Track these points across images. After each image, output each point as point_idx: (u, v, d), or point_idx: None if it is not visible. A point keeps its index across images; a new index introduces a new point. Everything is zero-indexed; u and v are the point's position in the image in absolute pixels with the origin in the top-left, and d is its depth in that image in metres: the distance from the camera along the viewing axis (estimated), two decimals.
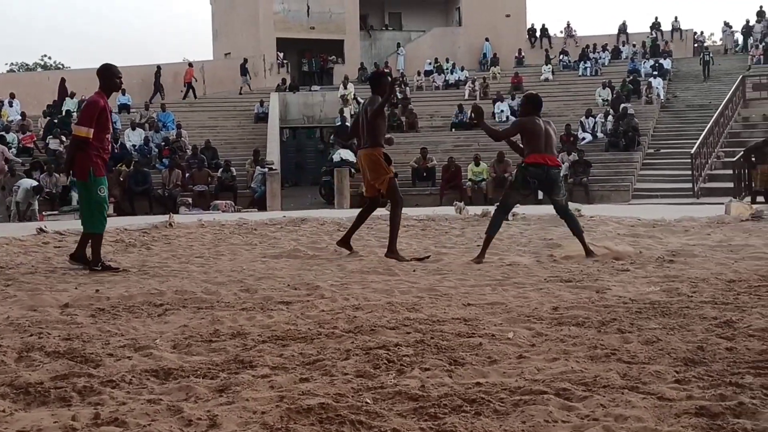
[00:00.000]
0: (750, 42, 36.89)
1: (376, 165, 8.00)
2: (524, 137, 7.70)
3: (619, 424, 2.86)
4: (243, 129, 29.10)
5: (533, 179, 7.58)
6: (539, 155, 7.54)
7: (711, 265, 6.79)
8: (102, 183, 7.27)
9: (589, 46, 36.50)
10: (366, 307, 5.18)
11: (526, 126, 7.68)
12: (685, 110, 28.50)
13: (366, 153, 8.05)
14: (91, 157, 7.20)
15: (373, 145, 7.99)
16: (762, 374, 3.41)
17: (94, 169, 7.21)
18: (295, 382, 3.48)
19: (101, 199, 7.29)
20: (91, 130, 7.16)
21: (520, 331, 4.40)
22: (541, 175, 7.55)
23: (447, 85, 34.22)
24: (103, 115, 7.25)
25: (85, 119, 7.24)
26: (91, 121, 7.19)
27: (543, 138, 7.60)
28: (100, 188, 7.25)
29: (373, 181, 8.08)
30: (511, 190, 7.94)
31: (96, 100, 7.31)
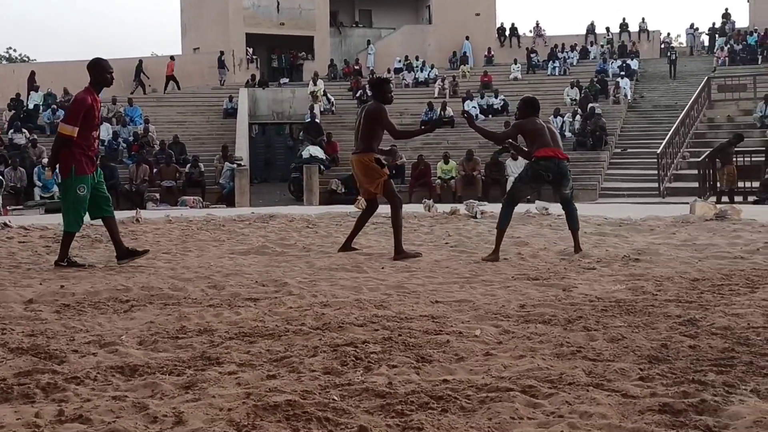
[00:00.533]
0: (716, 44, 37.35)
1: (368, 169, 7.91)
2: (527, 137, 7.76)
3: (583, 420, 2.89)
4: (212, 124, 28.92)
5: (547, 173, 7.61)
6: (549, 149, 7.61)
7: (675, 264, 6.87)
8: (83, 182, 7.10)
9: (557, 46, 36.73)
10: (334, 304, 5.18)
11: (526, 127, 7.74)
12: (651, 110, 28.79)
13: (357, 158, 7.98)
14: (75, 155, 7.05)
15: (364, 150, 7.90)
16: (724, 372, 3.46)
17: (77, 167, 7.05)
18: (262, 379, 3.47)
19: (80, 198, 7.12)
20: (75, 128, 7.00)
21: (487, 329, 4.42)
22: (553, 168, 7.61)
23: (417, 82, 34.24)
24: (90, 113, 7.09)
25: (71, 117, 7.08)
26: (77, 120, 7.02)
27: (547, 134, 7.68)
28: (79, 187, 7.08)
29: (368, 185, 8.01)
30: (522, 184, 7.91)
31: (83, 97, 7.13)
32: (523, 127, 7.77)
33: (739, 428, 2.76)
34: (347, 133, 27.35)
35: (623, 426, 2.82)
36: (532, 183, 7.88)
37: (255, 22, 37.31)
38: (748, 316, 4.58)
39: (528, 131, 7.71)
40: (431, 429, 2.84)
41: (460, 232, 9.89)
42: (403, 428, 2.87)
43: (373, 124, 7.81)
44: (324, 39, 38.81)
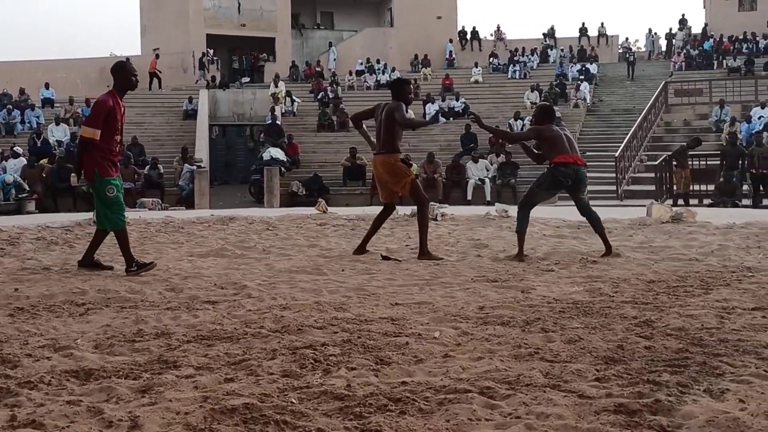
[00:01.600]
0: (673, 49, 37.91)
1: (396, 169, 7.93)
2: (545, 143, 7.81)
3: (540, 421, 2.91)
4: (171, 126, 28.66)
5: (566, 179, 7.65)
6: (568, 155, 7.66)
7: (632, 265, 6.96)
8: (109, 183, 6.90)
9: (518, 50, 37.04)
10: (293, 307, 5.16)
11: (543, 132, 7.79)
12: (610, 114, 29.14)
13: (383, 159, 7.97)
14: (96, 159, 6.87)
15: (390, 151, 7.92)
16: (678, 372, 3.51)
17: (100, 170, 6.86)
18: (220, 383, 3.44)
19: (112, 199, 6.92)
20: (97, 131, 6.80)
21: (446, 331, 4.44)
22: (572, 174, 7.65)
23: (378, 85, 34.29)
24: (112, 116, 6.89)
25: (92, 119, 6.89)
26: (98, 122, 6.83)
27: (565, 141, 7.74)
28: (108, 188, 6.88)
29: (394, 186, 8.00)
30: (540, 189, 7.90)
31: (105, 100, 6.94)
32: (541, 133, 7.83)
33: (692, 428, 2.81)
34: (308, 134, 27.35)
35: (579, 426, 2.85)
36: (551, 188, 7.95)
37: (216, 23, 37.09)
38: (702, 317, 4.66)
39: (546, 137, 7.77)
40: (389, 431, 2.84)
41: None
42: (361, 430, 2.86)
43: (395, 122, 7.82)
44: (285, 41, 38.70)
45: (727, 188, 17.45)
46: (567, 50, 37.94)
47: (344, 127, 27.58)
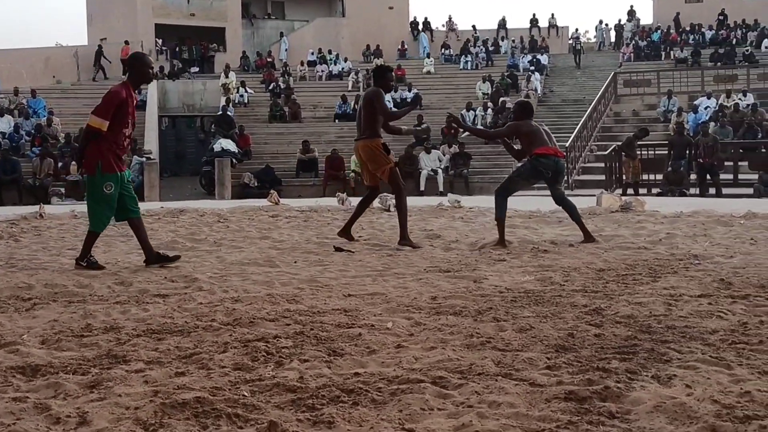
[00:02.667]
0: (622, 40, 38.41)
1: (376, 155, 8.00)
2: (524, 138, 7.99)
3: (492, 410, 2.93)
4: None
5: (547, 170, 7.82)
6: (548, 147, 7.84)
7: (582, 254, 7.04)
8: (110, 179, 6.60)
9: (470, 41, 37.17)
10: (245, 300, 5.13)
11: (522, 128, 7.99)
12: (560, 105, 29.43)
13: (363, 144, 8.04)
14: (102, 151, 6.58)
15: (370, 135, 7.97)
16: (627, 359, 3.56)
17: (103, 163, 6.57)
18: (171, 377, 3.41)
19: (107, 196, 6.63)
20: (105, 122, 6.51)
21: (399, 321, 4.44)
22: (552, 166, 7.83)
23: (330, 75, 34.18)
24: (123, 108, 6.59)
25: (102, 110, 6.56)
26: (108, 113, 6.54)
27: (544, 134, 7.93)
28: (106, 185, 6.59)
29: (374, 170, 8.09)
30: (520, 178, 8.09)
31: (118, 91, 6.65)
32: (520, 129, 8.01)
33: (640, 413, 2.85)
34: (260, 125, 27.16)
35: (530, 414, 2.87)
36: (531, 178, 8.10)
37: (164, 12, 36.57)
38: (650, 305, 4.73)
39: (524, 132, 7.96)
40: (342, 422, 2.84)
41: (374, 225, 9.92)
42: (314, 422, 2.85)
43: (373, 107, 7.88)
44: (236, 30, 38.32)
45: (674, 177, 17.75)
46: (518, 41, 38.20)
47: (296, 118, 27.47)
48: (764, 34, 34.52)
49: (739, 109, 23.08)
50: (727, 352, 3.67)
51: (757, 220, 9.36)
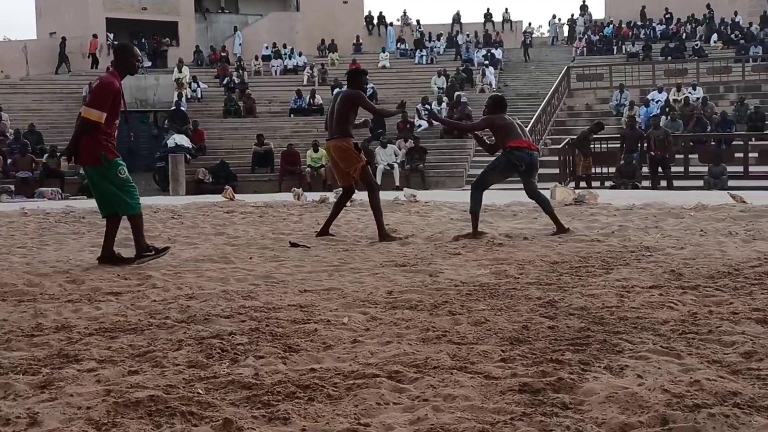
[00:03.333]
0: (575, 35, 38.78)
1: (347, 154, 8.10)
2: (498, 132, 8.09)
3: (447, 403, 2.95)
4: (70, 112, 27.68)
5: (521, 162, 7.93)
6: (521, 140, 7.98)
7: (537, 247, 7.11)
8: (118, 164, 6.53)
9: (424, 35, 37.24)
10: (200, 296, 5.08)
11: (496, 122, 8.09)
12: (515, 99, 29.54)
13: (335, 144, 8.12)
14: (100, 141, 6.45)
15: (342, 135, 8.06)
16: (580, 350, 3.61)
17: (106, 152, 6.47)
18: (124, 375, 3.37)
19: (125, 179, 6.57)
20: (103, 114, 6.37)
21: (355, 316, 4.44)
22: (526, 158, 7.94)
23: (285, 70, 34.01)
24: (117, 99, 6.49)
25: (99, 101, 6.42)
26: (105, 105, 6.39)
27: (517, 128, 8.08)
28: (119, 170, 6.52)
29: (347, 169, 8.18)
30: (495, 172, 8.21)
31: (111, 81, 6.47)
32: (493, 122, 8.12)
33: (593, 404, 2.88)
34: (214, 121, 26.94)
35: (485, 407, 2.89)
36: (505, 171, 8.22)
37: (115, 6, 36.01)
38: (603, 297, 4.79)
39: (498, 126, 8.07)
40: (298, 418, 2.83)
41: None
42: (269, 419, 2.84)
43: (350, 109, 8.03)
44: (189, 25, 37.90)
45: (627, 170, 17.99)
46: (473, 36, 38.37)
47: (251, 113, 27.29)
48: (713, 29, 35.13)
49: (689, 103, 23.47)
50: (678, 342, 3.73)
51: (707, 211, 9.54)
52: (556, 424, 2.69)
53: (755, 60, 29.15)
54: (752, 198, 10.72)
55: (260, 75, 33.71)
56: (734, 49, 31.88)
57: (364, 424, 2.76)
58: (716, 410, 2.72)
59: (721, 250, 6.60)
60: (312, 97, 27.46)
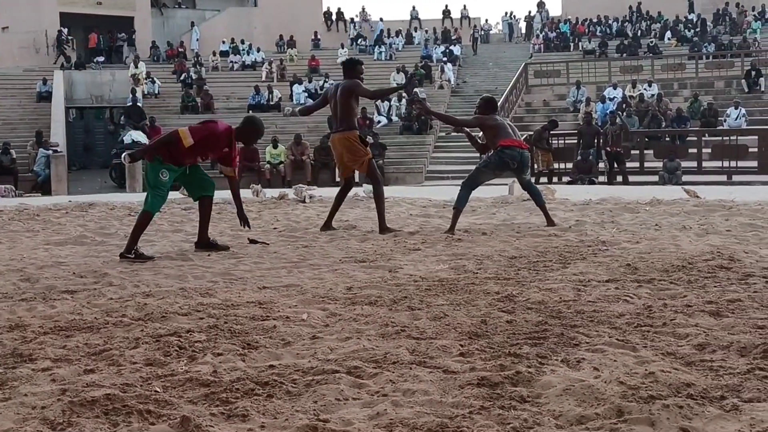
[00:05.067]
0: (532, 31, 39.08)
1: (354, 148, 8.12)
2: (488, 131, 8.22)
3: (406, 398, 2.96)
4: (24, 108, 27.33)
5: (512, 161, 8.04)
6: (512, 140, 8.10)
7: (495, 242, 7.15)
8: (167, 168, 6.86)
9: (383, 31, 37.25)
10: (157, 294, 5.04)
11: (487, 122, 8.23)
12: (474, 95, 29.68)
13: (341, 137, 8.13)
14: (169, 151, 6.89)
15: (348, 128, 8.09)
16: (538, 344, 3.64)
17: (163, 157, 6.85)
18: (79, 374, 3.32)
19: (162, 182, 6.85)
20: (191, 142, 6.87)
21: (314, 312, 4.43)
22: (517, 157, 8.06)
23: (243, 66, 33.79)
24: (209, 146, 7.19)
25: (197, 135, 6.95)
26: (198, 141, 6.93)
27: (508, 128, 8.23)
28: (162, 171, 6.83)
29: (351, 163, 8.23)
30: (486, 169, 8.31)
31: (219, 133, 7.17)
32: (485, 122, 8.25)
33: (550, 397, 2.92)
34: (171, 117, 26.66)
35: (444, 401, 2.91)
36: (497, 170, 8.32)
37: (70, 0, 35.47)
38: (561, 291, 4.84)
39: (489, 126, 8.20)
40: (256, 415, 2.82)
41: (289, 216, 9.87)
42: (228, 416, 2.83)
43: (350, 98, 8.00)
44: (145, 20, 37.47)
45: (583, 166, 18.21)
46: (431, 32, 38.48)
47: (209, 108, 27.05)
48: (667, 27, 35.64)
49: (644, 99, 23.79)
50: (633, 334, 3.79)
51: (662, 206, 9.68)
52: (513, 417, 2.72)
53: (708, 57, 29.64)
54: (705, 193, 10.91)
55: (218, 71, 33.45)
56: (688, 47, 32.38)
57: (323, 420, 2.75)
58: (670, 401, 2.76)
59: (675, 244, 6.71)
60: (270, 92, 27.32)
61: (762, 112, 23.81)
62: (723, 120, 22.26)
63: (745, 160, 18.21)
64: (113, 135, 26.47)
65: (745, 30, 33.85)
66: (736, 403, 2.77)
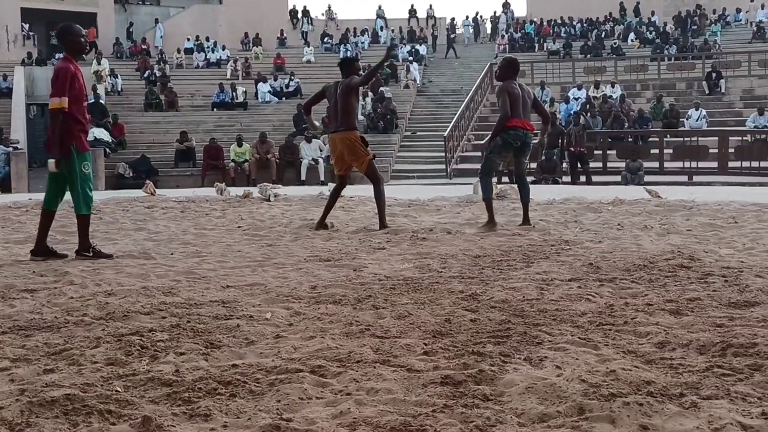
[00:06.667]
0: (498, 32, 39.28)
1: (355, 148, 8.16)
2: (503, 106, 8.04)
3: (370, 397, 2.96)
4: None
5: (515, 141, 7.97)
6: (518, 120, 7.97)
7: (460, 241, 7.18)
8: (86, 159, 6.45)
9: (349, 30, 37.22)
10: (119, 293, 4.98)
11: (510, 93, 8.00)
12: (439, 95, 29.87)
13: (342, 136, 8.16)
14: (73, 131, 6.35)
15: (348, 128, 8.13)
16: (501, 342, 3.66)
17: (77, 144, 6.38)
18: (39, 374, 3.28)
19: (87, 176, 6.46)
20: (65, 99, 6.29)
21: (278, 311, 4.42)
22: (521, 137, 8.00)
23: (208, 63, 33.55)
24: (75, 81, 6.37)
25: (56, 88, 6.32)
26: (64, 90, 6.28)
27: (521, 103, 8.01)
28: (84, 164, 6.43)
29: (352, 162, 8.26)
30: (493, 155, 8.24)
31: (65, 66, 6.39)
32: (508, 91, 8.01)
33: (513, 395, 2.93)
34: (134, 114, 26.41)
35: (407, 400, 2.91)
36: (503, 152, 8.18)
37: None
38: (524, 289, 4.88)
39: (508, 95, 7.99)
40: (219, 414, 2.80)
41: (254, 215, 9.81)
42: (190, 416, 2.81)
43: (351, 96, 8.06)
44: (108, 16, 37.08)
45: (547, 166, 18.34)
46: (397, 31, 38.52)
47: (173, 106, 26.83)
48: (630, 28, 36.03)
49: (607, 100, 24.02)
50: (595, 333, 3.83)
51: (624, 206, 9.78)
52: (476, 416, 2.73)
53: (670, 59, 30.01)
54: (667, 193, 11.04)
55: (182, 68, 33.18)
56: (650, 48, 32.76)
57: (286, 419, 2.74)
58: (631, 399, 2.80)
59: (637, 244, 6.79)
60: (234, 90, 27.16)
61: (722, 114, 24.17)
62: (684, 121, 22.55)
63: (706, 161, 18.48)
64: None
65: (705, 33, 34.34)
66: (694, 401, 2.81)
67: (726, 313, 4.18)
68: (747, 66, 26.66)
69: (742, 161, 18.10)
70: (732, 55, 28.30)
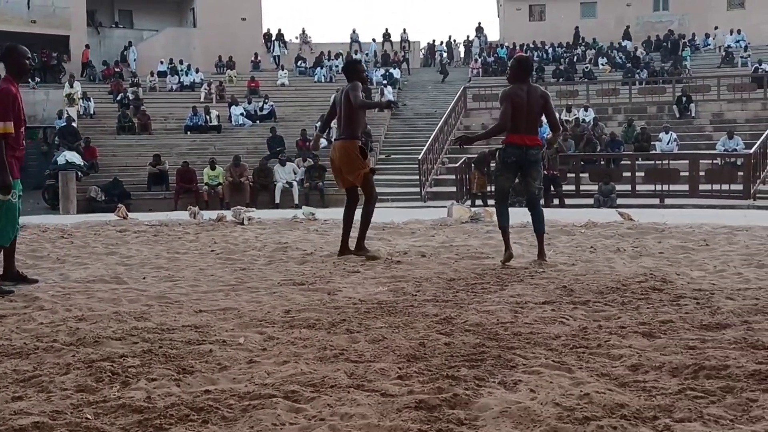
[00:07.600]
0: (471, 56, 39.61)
1: (351, 158, 7.77)
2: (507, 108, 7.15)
3: (344, 422, 2.94)
4: None
5: (511, 157, 7.16)
6: (514, 135, 7.13)
7: (434, 264, 7.18)
8: (14, 187, 6.12)
9: (324, 53, 37.35)
10: (90, 318, 4.92)
11: (512, 99, 7.11)
12: (413, 118, 29.99)
13: (341, 144, 7.80)
14: (5, 157, 6.02)
15: (350, 136, 7.77)
16: (475, 366, 3.66)
17: (11, 170, 6.06)
18: (7, 402, 3.23)
19: (13, 205, 6.15)
20: (9, 123, 5.99)
21: (251, 336, 4.39)
22: (516, 153, 7.14)
23: (182, 86, 33.48)
24: (16, 104, 6.07)
25: (1, 112, 6.00)
26: (8, 114, 5.99)
27: (524, 114, 7.12)
28: (12, 193, 6.11)
29: (347, 174, 7.85)
30: (498, 176, 7.49)
31: (7, 87, 6.06)
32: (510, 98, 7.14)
33: (487, 419, 2.93)
34: (107, 137, 26.27)
35: (381, 425, 2.90)
36: (505, 171, 7.37)
37: (2, 18, 34.73)
38: (498, 313, 4.88)
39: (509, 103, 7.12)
40: None
41: (227, 239, 9.75)
42: None
43: (354, 106, 7.69)
44: (80, 39, 36.86)
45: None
46: (372, 54, 38.71)
47: (146, 129, 26.73)
48: (601, 53, 36.48)
49: (579, 124, 24.24)
50: (569, 356, 3.83)
51: (597, 229, 9.85)
52: None
53: (641, 83, 30.38)
54: (639, 215, 11.13)
55: (156, 91, 33.09)
56: (622, 73, 33.16)
57: None
58: (605, 422, 2.80)
59: (609, 266, 6.83)
60: (207, 113, 27.11)
61: (693, 137, 24.46)
62: (655, 144, 22.80)
63: (677, 184, 18.69)
64: (47, 155, 25.92)
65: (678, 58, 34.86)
66: (668, 423, 2.82)
67: (698, 336, 4.20)
68: (716, 90, 27.04)
69: (712, 184, 18.32)
70: (701, 80, 28.70)
